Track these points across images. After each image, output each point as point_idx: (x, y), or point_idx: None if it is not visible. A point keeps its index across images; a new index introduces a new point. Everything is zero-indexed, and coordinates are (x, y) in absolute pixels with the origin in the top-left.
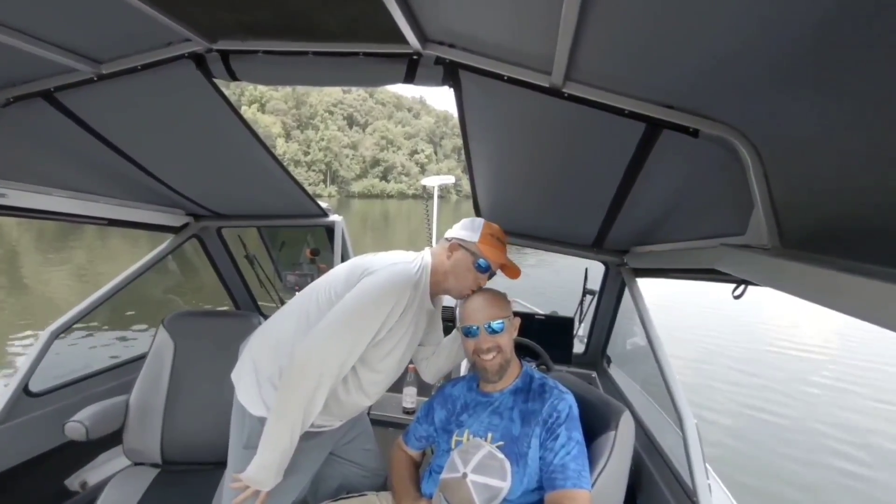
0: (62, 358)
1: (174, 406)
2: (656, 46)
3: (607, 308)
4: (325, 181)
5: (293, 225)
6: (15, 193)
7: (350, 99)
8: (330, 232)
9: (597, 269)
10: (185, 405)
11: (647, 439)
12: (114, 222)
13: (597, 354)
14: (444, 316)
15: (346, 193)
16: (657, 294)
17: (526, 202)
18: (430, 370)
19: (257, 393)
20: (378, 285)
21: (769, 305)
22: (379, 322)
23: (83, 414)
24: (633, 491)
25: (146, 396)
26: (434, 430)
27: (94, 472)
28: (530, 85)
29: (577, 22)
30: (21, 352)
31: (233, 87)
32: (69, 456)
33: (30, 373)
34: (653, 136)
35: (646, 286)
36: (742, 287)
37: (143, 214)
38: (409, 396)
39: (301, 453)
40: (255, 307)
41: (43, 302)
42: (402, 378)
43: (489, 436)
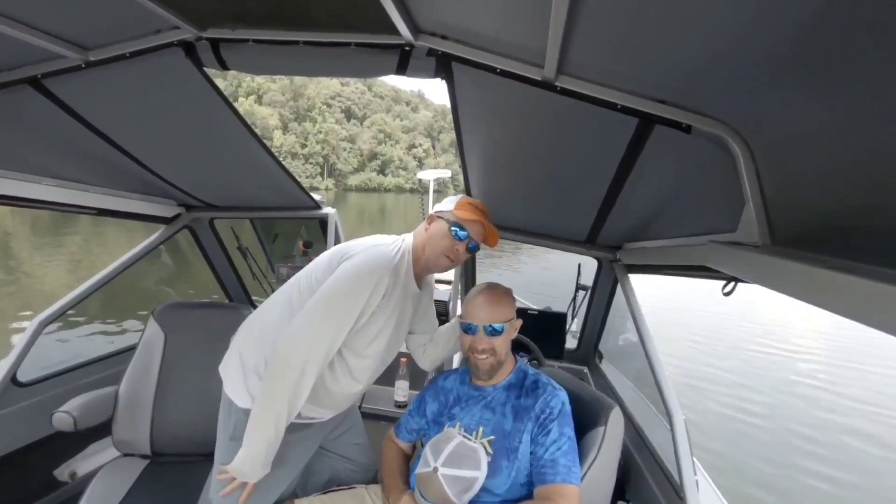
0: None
1: (164, 397)
2: (649, 40)
3: (600, 304)
4: (322, 174)
5: (286, 217)
6: (2, 182)
7: (348, 91)
8: (323, 224)
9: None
10: (175, 397)
11: (637, 435)
12: (103, 212)
13: (589, 350)
14: (436, 310)
15: (343, 187)
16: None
17: (519, 196)
18: (427, 358)
19: (243, 384)
20: (355, 269)
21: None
22: (359, 306)
23: (71, 404)
24: (622, 485)
25: (136, 387)
26: (426, 423)
27: (84, 462)
28: (523, 78)
29: (567, 14)
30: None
31: (230, 79)
32: (58, 446)
33: (18, 362)
34: (645, 132)
35: (643, 286)
36: (732, 284)
37: (133, 204)
38: (402, 390)
39: (289, 445)
40: (248, 299)
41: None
42: (394, 372)
43: (480, 430)
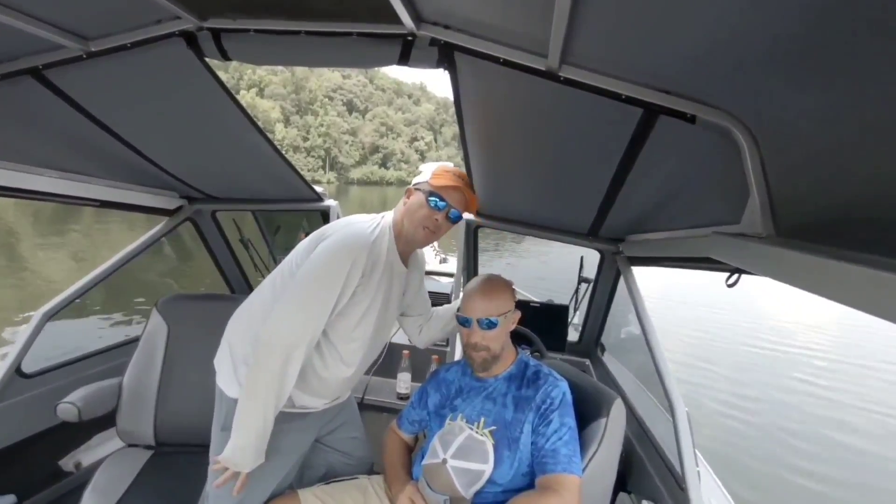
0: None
1: (167, 388)
2: (653, 29)
3: (602, 296)
4: (324, 167)
5: (288, 209)
6: (4, 173)
7: (350, 84)
8: (325, 216)
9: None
10: (179, 387)
11: (639, 427)
12: (106, 204)
13: (591, 343)
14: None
15: (345, 180)
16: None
17: (522, 188)
18: (423, 338)
19: (233, 374)
20: (330, 249)
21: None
22: (338, 286)
23: (75, 395)
24: (624, 477)
25: (139, 379)
26: (427, 415)
27: (89, 453)
28: (526, 68)
29: (571, 3)
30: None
31: (231, 71)
32: (63, 437)
33: (22, 353)
34: (649, 123)
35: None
36: (736, 276)
37: (135, 196)
38: (404, 382)
39: (283, 435)
40: (251, 291)
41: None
42: (396, 363)
43: (482, 420)
